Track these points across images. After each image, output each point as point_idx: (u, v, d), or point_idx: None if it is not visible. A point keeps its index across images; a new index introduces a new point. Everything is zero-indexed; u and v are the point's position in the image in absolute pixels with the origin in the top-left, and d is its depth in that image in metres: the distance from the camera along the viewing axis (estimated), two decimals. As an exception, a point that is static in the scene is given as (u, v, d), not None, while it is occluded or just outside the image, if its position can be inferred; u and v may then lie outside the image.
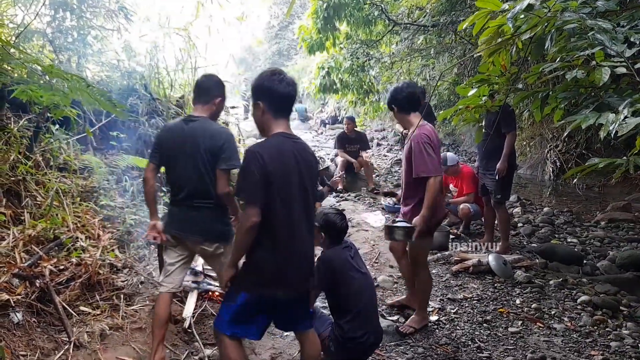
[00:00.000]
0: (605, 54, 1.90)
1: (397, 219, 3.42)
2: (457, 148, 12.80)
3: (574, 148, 9.22)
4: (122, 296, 3.10)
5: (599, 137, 8.58)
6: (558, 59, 2.12)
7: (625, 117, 1.65)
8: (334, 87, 8.84)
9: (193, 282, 3.54)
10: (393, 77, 10.49)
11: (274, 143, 2.10)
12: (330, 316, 2.81)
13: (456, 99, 11.46)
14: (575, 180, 8.51)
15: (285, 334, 3.24)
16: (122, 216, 3.86)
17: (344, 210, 5.54)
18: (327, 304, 2.89)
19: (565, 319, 3.62)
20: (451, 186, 5.79)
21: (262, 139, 2.18)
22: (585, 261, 4.86)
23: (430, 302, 3.77)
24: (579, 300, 3.87)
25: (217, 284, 3.65)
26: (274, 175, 2.01)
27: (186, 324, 3.15)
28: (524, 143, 9.95)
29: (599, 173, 8.58)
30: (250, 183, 2.01)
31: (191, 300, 3.37)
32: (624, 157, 1.80)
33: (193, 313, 3.27)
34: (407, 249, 3.46)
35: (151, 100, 5.48)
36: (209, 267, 3.86)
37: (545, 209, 6.88)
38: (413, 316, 3.44)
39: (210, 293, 3.56)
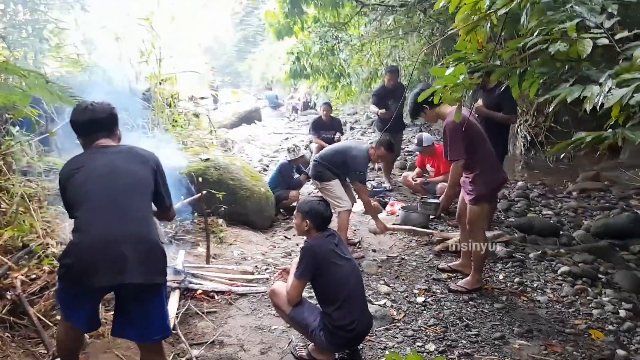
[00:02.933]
0: (584, 26, 1.87)
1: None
2: (429, 128, 12.88)
3: (543, 122, 9.39)
4: (100, 304, 2.96)
5: (567, 111, 8.74)
6: (536, 33, 2.08)
7: (610, 88, 1.62)
8: (305, 72, 8.70)
9: (174, 281, 3.43)
10: (363, 60, 10.41)
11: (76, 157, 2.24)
12: (319, 306, 2.76)
13: (425, 78, 11.49)
14: (547, 153, 8.68)
15: (273, 327, 3.19)
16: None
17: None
18: (314, 294, 2.85)
19: (548, 290, 3.69)
20: (428, 166, 5.81)
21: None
22: (561, 232, 4.96)
23: (416, 284, 3.79)
24: (559, 272, 3.95)
25: (199, 282, 3.56)
26: (66, 182, 2.14)
27: (170, 325, 3.04)
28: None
29: (571, 145, 8.73)
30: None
31: (173, 300, 3.26)
32: (610, 130, 1.79)
33: (176, 313, 3.17)
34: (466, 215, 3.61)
35: (117, 93, 5.27)
36: (190, 265, 3.77)
37: (520, 183, 7.00)
38: (467, 278, 3.68)
39: (192, 292, 3.47)
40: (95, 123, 2.24)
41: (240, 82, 23.46)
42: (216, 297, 3.51)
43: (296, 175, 6.27)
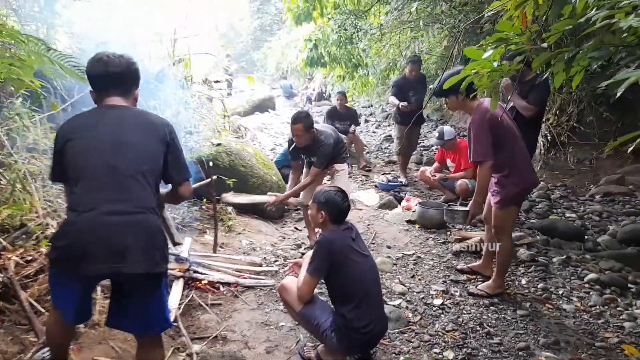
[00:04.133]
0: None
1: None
2: (444, 123, 12.56)
3: (566, 121, 9.05)
4: (98, 288, 2.79)
5: (591, 111, 8.39)
6: (594, 11, 1.84)
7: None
8: (322, 60, 8.44)
9: (179, 269, 3.25)
10: (382, 50, 10.13)
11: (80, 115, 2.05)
12: (332, 305, 2.56)
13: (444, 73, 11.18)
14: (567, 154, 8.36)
15: (281, 324, 3.00)
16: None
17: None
18: (326, 291, 2.65)
19: (574, 298, 3.45)
20: (448, 161, 5.55)
21: None
22: (586, 237, 4.70)
23: (432, 285, 3.57)
24: (585, 279, 3.71)
25: (205, 272, 3.38)
26: (65, 145, 1.91)
27: (171, 317, 2.86)
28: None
29: (592, 146, 8.45)
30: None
31: (176, 290, 3.08)
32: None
33: (179, 304, 3.00)
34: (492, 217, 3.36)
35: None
36: (196, 254, 3.60)
37: (541, 184, 6.71)
38: (489, 282, 3.44)
39: (197, 282, 3.29)
40: (108, 77, 1.97)
41: (255, 70, 23.21)
42: (222, 289, 3.33)
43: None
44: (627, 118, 7.79)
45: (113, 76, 1.96)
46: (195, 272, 3.31)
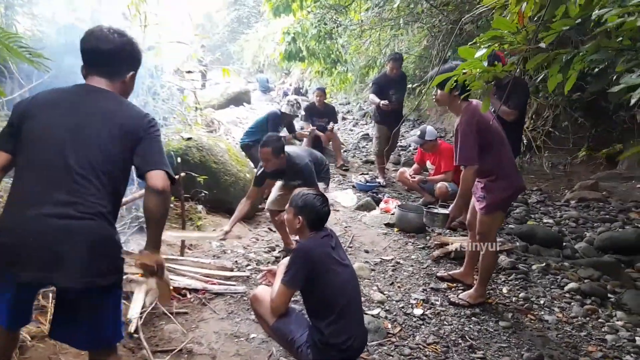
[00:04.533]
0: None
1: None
2: (422, 124, 12.51)
3: (542, 125, 9.11)
4: (50, 295, 2.52)
5: (567, 116, 8.45)
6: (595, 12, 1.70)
7: None
8: (300, 54, 8.22)
9: (141, 274, 2.98)
10: (361, 47, 9.97)
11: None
12: (308, 318, 2.36)
13: (422, 73, 11.11)
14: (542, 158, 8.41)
15: (252, 335, 2.78)
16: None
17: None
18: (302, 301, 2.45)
19: (556, 309, 3.36)
20: (428, 163, 5.42)
21: None
22: (564, 243, 4.66)
23: (412, 294, 3.42)
24: (566, 288, 3.63)
25: (170, 277, 3.12)
26: (23, 118, 1.69)
27: (131, 328, 2.61)
28: (493, 119, 9.76)
29: (566, 151, 8.53)
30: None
31: (138, 297, 2.83)
32: None
33: (140, 312, 2.74)
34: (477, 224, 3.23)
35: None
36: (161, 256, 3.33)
37: (519, 188, 6.69)
38: (471, 291, 3.33)
39: (162, 287, 3.03)
40: (94, 54, 1.74)
41: (232, 63, 22.72)
42: (188, 296, 3.09)
43: (283, 133, 5.80)
44: (601, 125, 7.88)
45: (100, 53, 1.74)
46: (160, 277, 3.05)
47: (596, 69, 1.95)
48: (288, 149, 3.74)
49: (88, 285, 1.57)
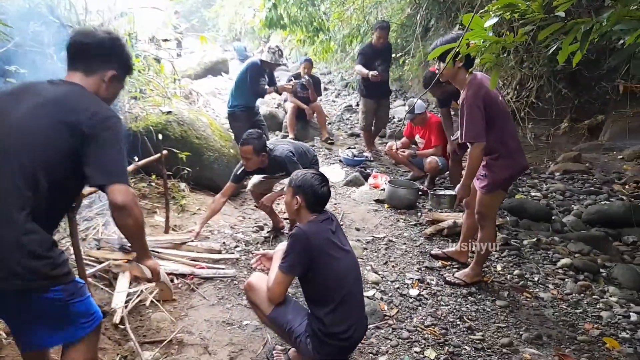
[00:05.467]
0: None
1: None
2: (404, 94, 12.33)
3: (526, 97, 9.06)
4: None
5: (550, 87, 8.40)
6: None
7: None
8: (282, 22, 7.86)
9: (123, 260, 2.80)
10: (344, 15, 9.64)
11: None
12: (307, 306, 2.24)
13: (404, 42, 10.86)
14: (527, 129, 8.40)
15: (245, 322, 2.66)
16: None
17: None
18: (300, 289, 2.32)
19: (550, 286, 3.34)
20: (417, 137, 5.28)
21: None
22: (553, 217, 4.65)
23: (407, 273, 3.34)
24: (559, 264, 3.62)
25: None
26: None
27: (116, 318, 2.45)
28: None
29: (549, 122, 8.54)
30: None
31: (122, 285, 2.66)
32: None
33: (126, 302, 2.58)
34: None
35: (61, 27, 4.37)
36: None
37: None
38: (467, 270, 3.26)
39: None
40: (74, 47, 1.67)
41: (207, 30, 21.86)
42: (176, 281, 2.93)
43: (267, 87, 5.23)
44: (584, 96, 7.87)
45: (79, 45, 1.67)
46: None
47: (621, 41, 1.81)
48: (269, 143, 3.53)
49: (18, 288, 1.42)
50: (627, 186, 5.50)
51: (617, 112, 7.28)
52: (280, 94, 6.87)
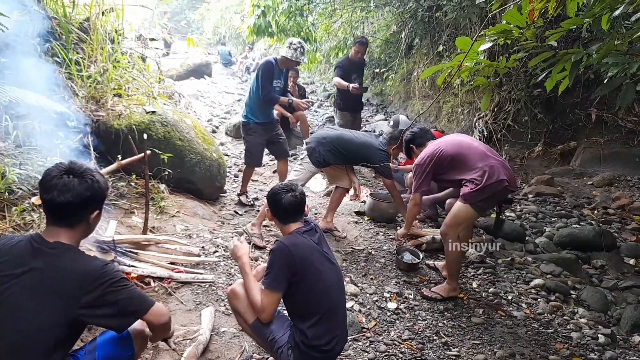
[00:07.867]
0: None
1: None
2: (385, 109, 12.49)
3: (503, 119, 9.31)
4: None
5: (527, 111, 8.64)
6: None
7: None
8: (269, 30, 7.89)
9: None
10: (331, 27, 9.74)
11: None
12: (289, 318, 2.22)
13: (387, 58, 11.03)
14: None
15: (222, 329, 2.62)
16: (1, 168, 2.89)
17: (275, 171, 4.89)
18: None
19: (523, 305, 3.41)
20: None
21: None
22: (527, 237, 4.77)
23: (386, 287, 3.36)
24: (531, 284, 3.70)
25: (133, 264, 2.88)
26: None
27: (91, 320, 2.38)
28: (458, 110, 9.88)
29: (523, 145, 8.77)
30: None
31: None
32: None
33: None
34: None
35: (45, 18, 4.28)
36: (122, 239, 3.07)
37: (480, 180, 6.79)
38: (444, 284, 3.34)
39: (125, 274, 2.79)
40: (52, 207, 1.57)
41: (190, 32, 21.70)
42: (152, 285, 2.87)
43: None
44: (558, 122, 8.15)
45: (58, 206, 1.56)
46: (122, 264, 2.81)
47: (609, 73, 1.89)
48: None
49: None
50: (595, 211, 5.69)
51: (589, 139, 7.55)
52: (293, 111, 6.45)
